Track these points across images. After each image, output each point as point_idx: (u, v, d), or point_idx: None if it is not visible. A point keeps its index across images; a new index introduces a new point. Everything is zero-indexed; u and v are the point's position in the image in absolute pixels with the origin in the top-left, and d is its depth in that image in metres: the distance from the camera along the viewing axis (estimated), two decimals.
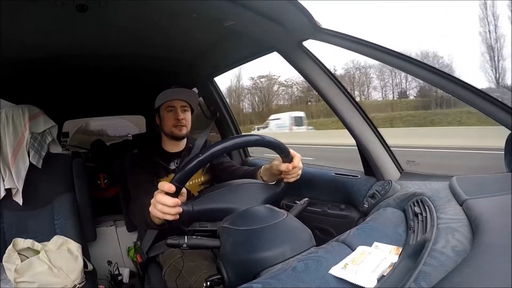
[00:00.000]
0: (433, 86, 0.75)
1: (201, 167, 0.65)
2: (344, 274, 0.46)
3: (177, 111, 1.10)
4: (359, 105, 0.99)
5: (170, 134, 1.12)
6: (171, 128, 1.11)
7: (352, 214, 1.05)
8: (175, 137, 1.13)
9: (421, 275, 0.42)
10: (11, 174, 1.12)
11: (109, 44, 1.18)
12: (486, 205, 0.54)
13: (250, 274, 0.55)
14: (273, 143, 0.70)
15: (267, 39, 1.02)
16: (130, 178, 1.06)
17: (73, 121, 2.64)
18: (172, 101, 1.11)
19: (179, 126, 1.10)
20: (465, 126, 9.51)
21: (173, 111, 1.11)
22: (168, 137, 1.14)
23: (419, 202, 0.67)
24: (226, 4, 0.82)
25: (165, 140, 1.16)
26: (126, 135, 3.09)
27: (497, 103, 0.66)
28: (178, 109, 1.11)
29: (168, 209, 0.60)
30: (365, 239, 0.57)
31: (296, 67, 1.02)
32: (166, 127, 1.12)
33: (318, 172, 1.23)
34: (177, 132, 1.11)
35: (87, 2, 0.82)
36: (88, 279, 1.13)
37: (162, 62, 1.46)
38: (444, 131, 9.15)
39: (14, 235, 1.12)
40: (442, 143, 6.66)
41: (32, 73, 1.38)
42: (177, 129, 1.11)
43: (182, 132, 1.11)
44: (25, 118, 1.18)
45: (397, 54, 0.78)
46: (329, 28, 0.88)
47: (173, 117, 1.10)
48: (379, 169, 0.98)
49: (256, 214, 0.65)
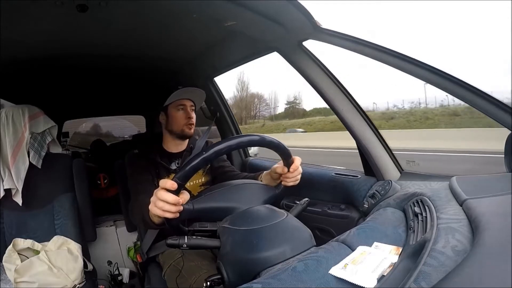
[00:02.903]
0: (433, 86, 0.75)
1: (204, 165, 0.64)
2: (344, 274, 0.46)
3: (187, 110, 1.11)
4: (359, 105, 0.99)
5: (180, 133, 1.12)
6: (182, 127, 1.11)
7: (352, 214, 1.05)
8: (184, 136, 1.13)
9: (421, 275, 0.42)
10: (10, 174, 1.12)
11: (109, 44, 1.17)
12: (486, 205, 0.54)
13: (250, 274, 0.56)
14: (275, 144, 0.70)
15: (267, 39, 1.02)
16: (130, 178, 1.06)
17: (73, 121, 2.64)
18: (182, 100, 1.11)
19: (190, 125, 1.11)
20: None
21: (184, 110, 1.11)
22: (174, 136, 1.14)
23: (419, 202, 0.67)
24: (226, 4, 0.82)
25: (168, 140, 1.16)
26: (123, 137, 3.09)
27: (497, 103, 0.67)
28: (188, 108, 1.11)
29: (168, 206, 0.59)
30: (365, 239, 0.57)
31: (296, 67, 1.02)
32: (176, 126, 1.11)
33: (318, 172, 1.23)
34: (187, 131, 1.11)
35: (87, 2, 0.82)
36: (88, 279, 1.13)
37: (162, 62, 1.46)
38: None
39: (14, 235, 1.12)
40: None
41: (32, 73, 1.38)
42: (187, 127, 1.11)
43: (191, 131, 1.12)
44: (25, 118, 1.18)
45: (397, 54, 0.78)
46: (329, 28, 0.88)
47: (184, 116, 1.11)
48: (379, 169, 0.98)
49: (256, 214, 0.65)
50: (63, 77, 1.51)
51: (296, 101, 26.59)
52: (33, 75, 1.41)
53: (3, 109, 1.18)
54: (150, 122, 2.53)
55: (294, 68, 1.03)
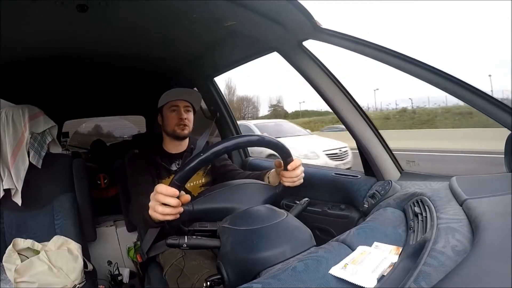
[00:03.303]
0: (433, 86, 0.75)
1: (202, 166, 0.64)
2: (344, 274, 0.46)
3: (180, 111, 1.11)
4: (359, 105, 0.99)
5: (173, 133, 1.12)
6: (173, 127, 1.11)
7: (352, 214, 1.05)
8: (177, 136, 1.13)
9: (421, 275, 0.42)
10: (10, 175, 1.12)
11: (109, 44, 1.17)
12: (486, 205, 0.54)
13: (250, 274, 0.55)
14: (274, 144, 0.70)
15: (267, 39, 1.02)
16: (130, 178, 1.06)
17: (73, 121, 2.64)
18: (175, 101, 1.11)
19: (182, 126, 1.11)
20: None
21: (177, 111, 1.11)
22: (170, 137, 1.14)
23: (419, 202, 0.67)
24: (226, 4, 0.82)
25: (167, 140, 1.16)
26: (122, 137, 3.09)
27: (497, 103, 0.66)
28: (181, 109, 1.11)
29: (169, 210, 0.60)
30: (365, 239, 0.57)
31: (296, 67, 1.02)
32: (169, 127, 1.12)
33: (318, 172, 1.23)
34: (179, 132, 1.11)
35: (87, 2, 0.81)
36: (88, 279, 1.13)
37: (162, 62, 1.46)
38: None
39: (14, 235, 1.12)
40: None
41: (32, 73, 1.38)
42: (179, 128, 1.11)
43: (184, 131, 1.11)
44: (25, 118, 1.18)
45: (397, 54, 0.78)
46: (329, 28, 0.88)
47: (176, 117, 1.11)
48: (379, 169, 0.98)
49: (256, 214, 0.65)
50: (63, 77, 1.51)
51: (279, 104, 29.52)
52: (33, 75, 1.40)
53: (3, 109, 1.18)
54: (150, 122, 2.54)
55: (294, 68, 1.03)
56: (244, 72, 8.75)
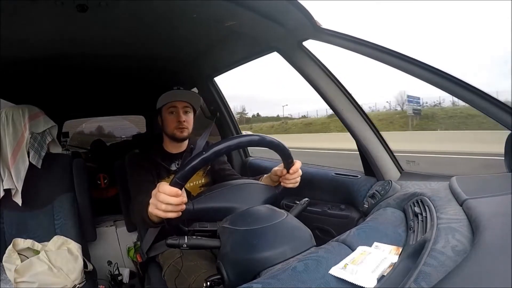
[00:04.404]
0: (433, 86, 0.75)
1: (203, 165, 0.64)
2: (344, 274, 0.46)
3: (179, 112, 1.10)
4: (359, 106, 0.99)
5: (172, 136, 1.12)
6: (173, 130, 1.11)
7: (352, 214, 1.05)
8: (176, 139, 1.13)
9: (421, 275, 0.42)
10: (10, 175, 1.12)
11: (109, 44, 1.17)
12: (486, 205, 0.54)
13: (250, 274, 0.55)
14: (275, 144, 0.70)
15: (267, 39, 1.02)
16: (130, 178, 1.06)
17: (73, 121, 2.64)
18: (174, 102, 1.11)
19: (181, 128, 1.10)
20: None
21: (175, 113, 1.10)
22: (169, 138, 1.14)
23: (419, 202, 0.67)
24: (226, 4, 0.82)
25: (167, 141, 1.16)
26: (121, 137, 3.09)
27: (497, 103, 0.66)
28: (180, 111, 1.10)
29: (171, 207, 0.60)
30: (365, 239, 0.57)
31: (296, 67, 1.02)
32: (168, 129, 1.12)
33: (318, 172, 1.23)
34: (178, 134, 1.11)
35: (87, 2, 0.81)
36: (88, 279, 1.13)
37: (162, 62, 1.46)
38: None
39: (14, 235, 1.12)
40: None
41: (32, 73, 1.38)
42: (178, 131, 1.10)
43: (183, 134, 1.11)
44: (25, 118, 1.18)
45: (397, 54, 0.78)
46: (329, 28, 0.88)
47: (175, 119, 1.10)
48: (379, 169, 0.98)
49: (256, 214, 0.65)
50: (63, 77, 1.51)
51: (244, 111, 31.54)
52: (33, 75, 1.40)
53: (3, 109, 1.18)
54: (150, 122, 2.54)
55: (294, 68, 1.03)
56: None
